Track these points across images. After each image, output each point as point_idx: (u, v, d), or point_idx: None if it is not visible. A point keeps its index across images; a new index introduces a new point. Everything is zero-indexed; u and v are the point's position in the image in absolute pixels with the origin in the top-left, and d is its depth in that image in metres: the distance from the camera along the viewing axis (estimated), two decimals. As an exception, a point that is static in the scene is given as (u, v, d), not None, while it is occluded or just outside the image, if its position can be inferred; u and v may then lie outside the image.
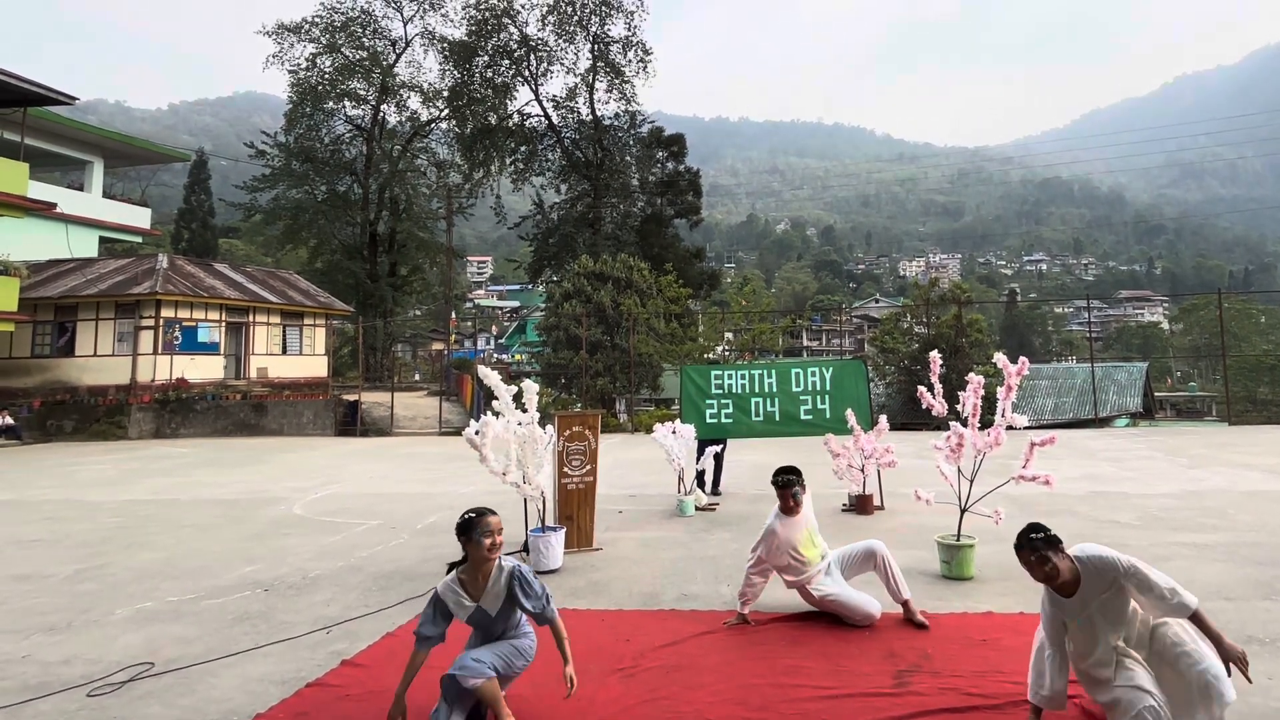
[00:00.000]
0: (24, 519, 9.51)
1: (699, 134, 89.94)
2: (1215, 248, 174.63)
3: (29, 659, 4.65)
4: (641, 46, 37.16)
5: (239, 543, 7.82)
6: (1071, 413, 25.01)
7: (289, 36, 37.01)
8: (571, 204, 38.17)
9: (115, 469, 14.63)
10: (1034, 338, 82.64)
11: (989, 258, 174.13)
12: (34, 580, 6.56)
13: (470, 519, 3.59)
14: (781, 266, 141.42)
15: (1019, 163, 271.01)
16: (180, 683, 4.21)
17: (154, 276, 23.25)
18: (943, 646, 4.40)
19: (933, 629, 4.72)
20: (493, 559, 3.59)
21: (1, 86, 20.66)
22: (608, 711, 3.68)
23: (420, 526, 8.42)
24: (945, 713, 3.52)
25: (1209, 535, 7.05)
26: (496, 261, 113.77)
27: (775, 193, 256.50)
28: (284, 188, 37.02)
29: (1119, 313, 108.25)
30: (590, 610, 5.33)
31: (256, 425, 22.18)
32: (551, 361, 25.95)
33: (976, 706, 3.57)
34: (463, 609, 3.60)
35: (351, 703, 3.85)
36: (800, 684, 3.94)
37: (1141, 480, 10.42)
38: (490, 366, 9.94)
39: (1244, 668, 3.03)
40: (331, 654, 4.57)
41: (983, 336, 22.98)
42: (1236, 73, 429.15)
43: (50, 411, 21.83)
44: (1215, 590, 5.39)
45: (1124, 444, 15.12)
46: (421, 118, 40.20)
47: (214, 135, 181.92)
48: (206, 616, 5.42)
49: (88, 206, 30.72)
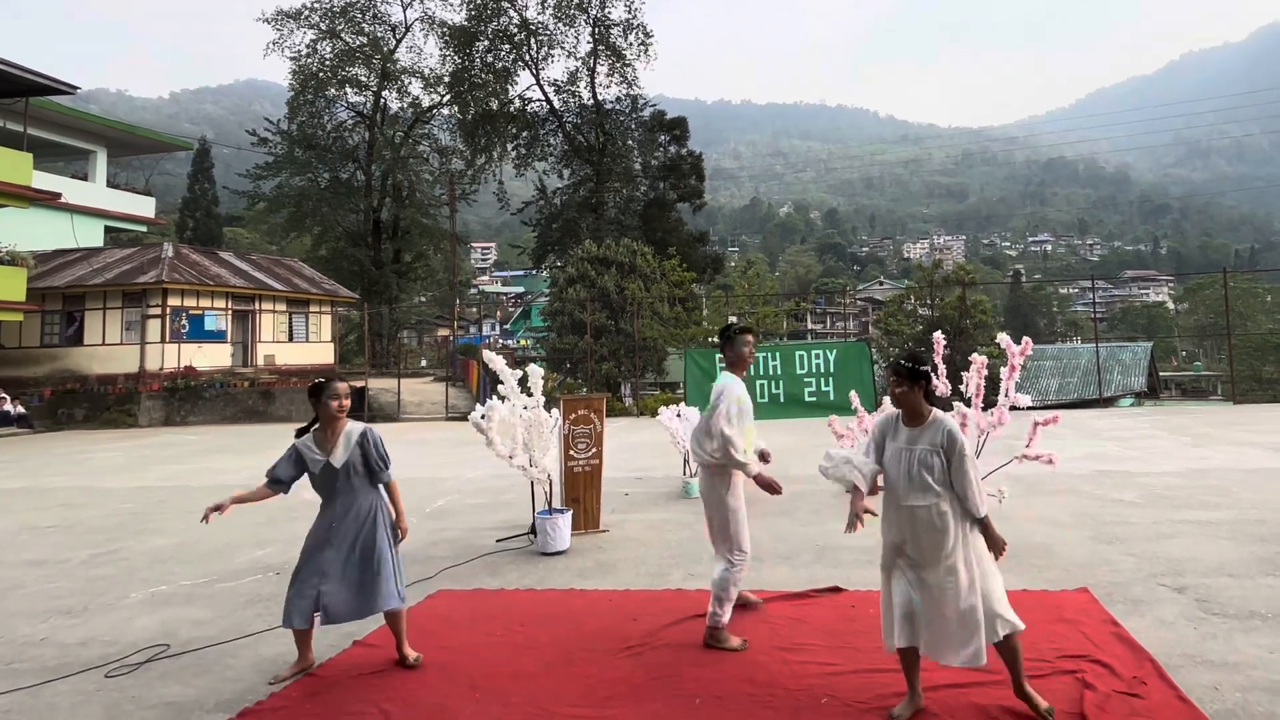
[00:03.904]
0: (38, 506, 9.63)
1: (701, 117, 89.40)
2: (1221, 226, 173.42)
3: (47, 641, 4.75)
4: (642, 29, 36.92)
5: (250, 528, 7.91)
6: (1076, 393, 25.01)
7: (289, 23, 36.82)
8: (574, 189, 38.05)
9: (126, 456, 14.76)
10: (1038, 319, 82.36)
11: (993, 239, 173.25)
12: (49, 565, 6.66)
13: (320, 383, 4.15)
14: (785, 250, 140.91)
15: (1024, 143, 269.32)
16: (196, 663, 4.29)
17: (160, 265, 23.31)
18: (946, 623, 4.45)
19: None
20: (340, 418, 4.11)
21: (3, 77, 20.64)
22: (616, 690, 3.75)
23: (429, 510, 8.50)
24: (948, 688, 3.58)
25: (1213, 513, 7.09)
26: (500, 247, 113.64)
27: (778, 176, 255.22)
28: (287, 175, 36.95)
29: (1124, 293, 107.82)
30: (598, 590, 5.40)
31: (265, 412, 22.31)
32: (556, 346, 25.99)
33: (979, 682, 3.62)
34: (314, 463, 4.07)
35: (363, 682, 3.93)
36: (805, 661, 4.01)
37: (1145, 459, 10.45)
38: (495, 352, 10.00)
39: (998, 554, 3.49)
40: (343, 635, 4.64)
41: (987, 318, 22.88)
42: (1243, 50, 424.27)
43: (61, 400, 21.98)
44: (1219, 567, 5.44)
45: (1128, 423, 15.14)
46: (423, 104, 40.04)
47: (216, 123, 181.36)
48: (220, 599, 5.51)
49: (92, 196, 30.77)
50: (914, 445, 3.47)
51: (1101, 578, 5.27)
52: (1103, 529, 6.65)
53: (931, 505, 3.40)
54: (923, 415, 3.51)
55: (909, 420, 3.53)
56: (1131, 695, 3.44)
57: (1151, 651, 3.92)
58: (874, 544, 3.88)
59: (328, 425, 4.14)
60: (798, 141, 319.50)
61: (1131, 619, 4.45)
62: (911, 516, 3.44)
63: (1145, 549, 5.97)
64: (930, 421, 3.50)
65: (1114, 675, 3.65)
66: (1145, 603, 4.76)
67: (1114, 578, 5.28)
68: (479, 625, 4.70)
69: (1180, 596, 4.86)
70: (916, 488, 3.43)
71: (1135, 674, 3.65)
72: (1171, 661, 3.82)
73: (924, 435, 3.47)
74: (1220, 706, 3.37)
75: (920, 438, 3.47)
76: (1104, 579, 5.24)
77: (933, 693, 3.54)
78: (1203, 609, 4.61)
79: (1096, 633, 4.21)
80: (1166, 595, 4.89)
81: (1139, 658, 3.85)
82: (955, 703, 3.45)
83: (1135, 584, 5.14)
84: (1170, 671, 3.68)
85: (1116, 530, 6.59)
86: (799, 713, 3.43)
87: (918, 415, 3.51)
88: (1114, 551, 5.94)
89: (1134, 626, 4.30)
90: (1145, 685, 3.53)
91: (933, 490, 3.41)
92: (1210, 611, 4.56)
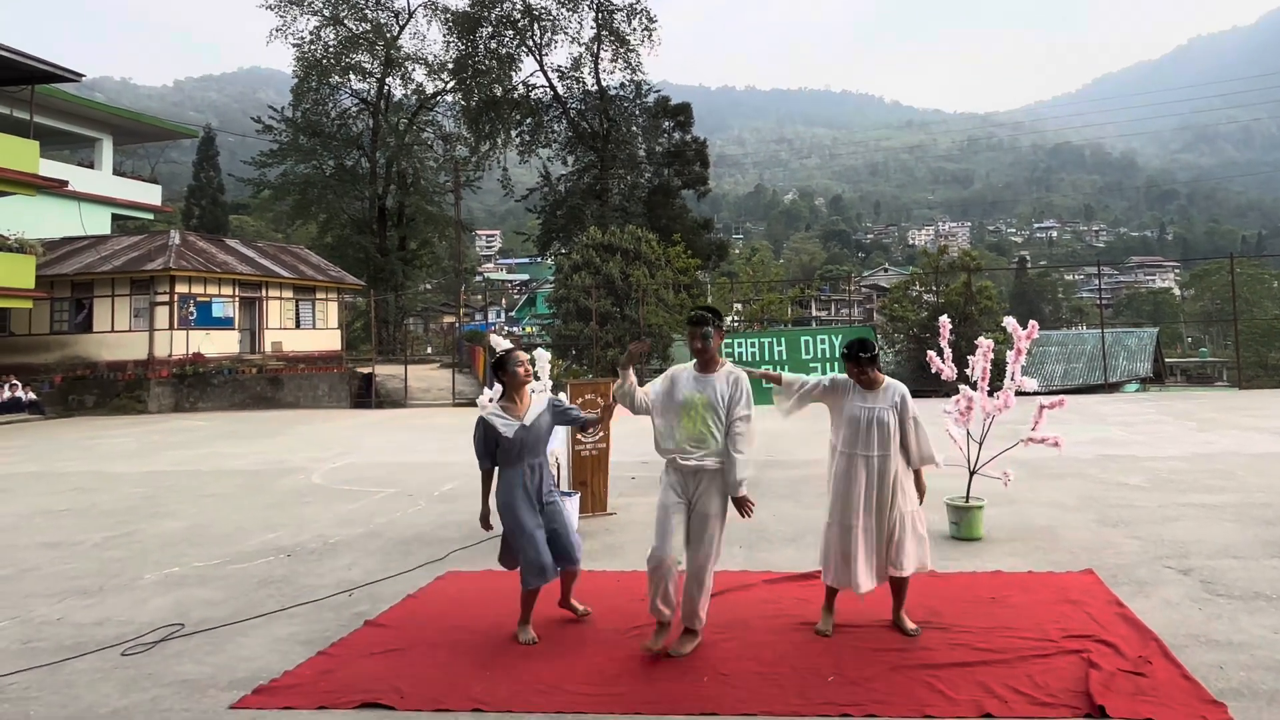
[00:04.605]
0: (51, 490, 9.71)
1: (705, 104, 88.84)
2: (1228, 212, 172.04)
3: (63, 621, 4.81)
4: (646, 14, 36.61)
5: (260, 511, 7.98)
6: (1081, 378, 24.93)
7: (291, 9, 36.60)
8: (578, 176, 37.91)
9: (137, 442, 14.85)
10: (1044, 305, 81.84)
11: (999, 225, 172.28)
12: (64, 548, 6.74)
13: (502, 357, 4.42)
14: (790, 237, 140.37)
15: (1030, 128, 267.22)
16: (210, 642, 4.35)
17: (167, 253, 23.36)
18: (952, 604, 4.49)
19: (942, 587, 4.81)
20: (528, 380, 4.40)
21: (8, 64, 20.63)
22: (624, 668, 3.80)
23: (437, 494, 8.57)
24: (954, 667, 3.62)
25: (1218, 496, 7.11)
26: (505, 235, 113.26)
27: (783, 162, 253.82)
28: (292, 163, 36.89)
29: (1130, 279, 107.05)
30: (606, 572, 5.46)
31: (273, 398, 22.42)
32: (562, 333, 26.01)
33: (985, 661, 3.66)
34: (506, 427, 4.25)
35: (375, 660, 3.98)
36: (811, 640, 4.05)
37: (1151, 443, 10.47)
38: (501, 337, 10.01)
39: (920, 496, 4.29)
40: (354, 615, 4.70)
41: (992, 304, 22.81)
42: (1251, 34, 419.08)
43: (71, 387, 22.12)
44: (1224, 549, 5.46)
45: (1133, 408, 15.14)
46: (427, 90, 39.88)
47: (220, 111, 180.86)
48: (232, 581, 5.57)
49: (99, 184, 30.77)
50: (873, 405, 4.13)
51: (1107, 560, 5.30)
52: (1108, 512, 6.68)
53: (886, 456, 4.08)
54: (878, 383, 4.21)
55: (866, 387, 4.20)
56: (1136, 674, 3.46)
57: (1156, 631, 3.94)
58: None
59: (515, 391, 4.39)
60: (802, 128, 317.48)
61: (1137, 600, 4.48)
62: (866, 465, 4.08)
63: (1150, 532, 6.00)
64: (885, 386, 4.20)
65: (1119, 655, 3.67)
66: (1150, 584, 4.79)
67: (1119, 560, 5.31)
68: (489, 606, 4.75)
69: (1185, 578, 4.88)
70: (875, 441, 4.08)
71: (1140, 653, 3.68)
72: (1176, 641, 3.84)
73: (881, 397, 4.16)
74: (1225, 685, 3.39)
75: (879, 399, 4.15)
76: (1109, 561, 5.27)
77: (939, 671, 3.58)
78: (1208, 590, 4.64)
79: (1101, 613, 4.24)
80: (1172, 577, 4.92)
81: (1144, 637, 3.87)
82: (962, 680, 3.48)
83: (1140, 566, 5.17)
84: (1175, 651, 3.71)
85: (1122, 513, 6.61)
86: (805, 690, 3.47)
87: (875, 384, 4.20)
88: (1119, 534, 5.97)
89: (1139, 608, 4.33)
90: (1150, 664, 3.55)
91: (888, 443, 4.08)
92: (1215, 593, 4.59)
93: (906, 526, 4.10)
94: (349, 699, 3.52)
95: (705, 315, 4.03)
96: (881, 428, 4.08)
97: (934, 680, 3.48)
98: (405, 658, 3.99)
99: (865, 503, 4.08)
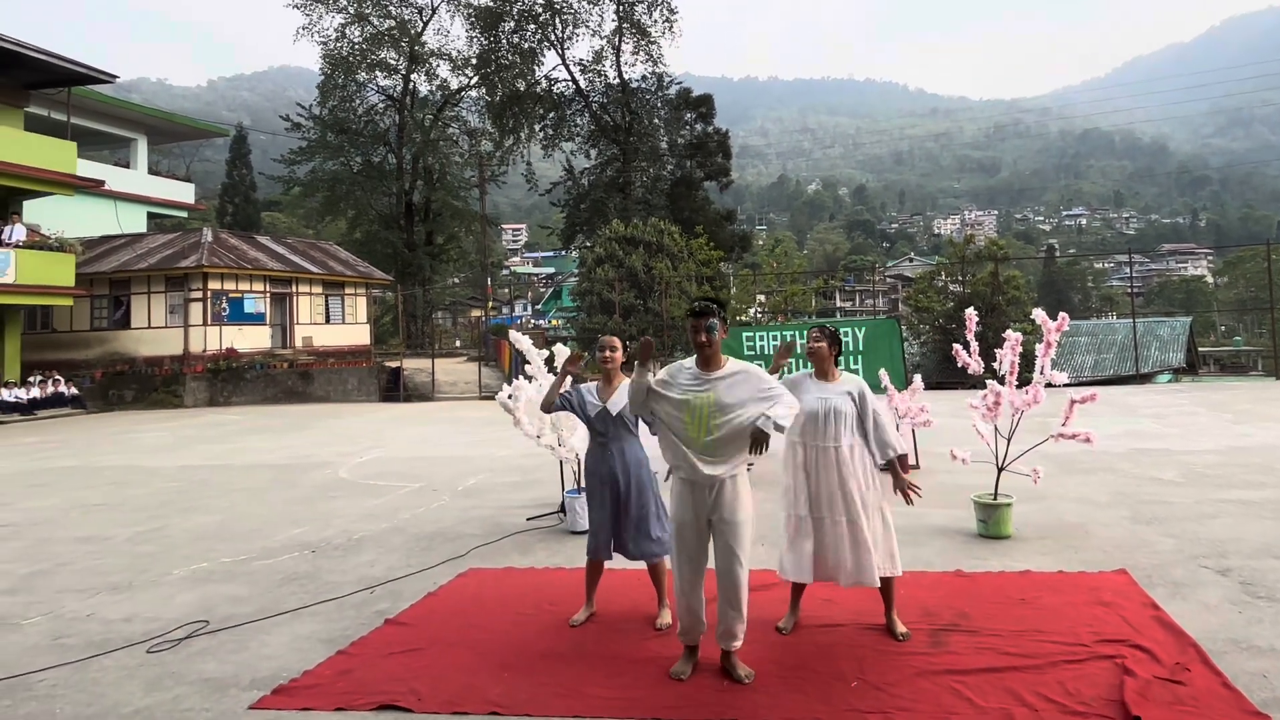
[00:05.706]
0: (87, 484, 9.90)
1: (727, 94, 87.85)
2: (1263, 197, 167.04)
3: (93, 617, 4.88)
4: (667, 6, 36.34)
5: (287, 506, 8.06)
6: (1112, 369, 24.35)
7: (317, 7, 37.01)
8: (601, 169, 37.85)
9: (172, 436, 15.11)
10: (1073, 294, 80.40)
11: (1026, 214, 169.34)
12: (96, 542, 6.85)
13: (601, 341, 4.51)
14: (813, 227, 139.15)
15: (1058, 114, 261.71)
16: (233, 640, 4.38)
17: (200, 250, 23.74)
18: (980, 605, 4.39)
19: (970, 588, 4.71)
20: (614, 363, 4.41)
21: (46, 68, 21.04)
22: (645, 671, 3.75)
23: (461, 489, 8.59)
24: (982, 672, 3.53)
25: (1256, 492, 6.90)
26: (531, 229, 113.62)
27: (806, 152, 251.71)
28: (320, 160, 37.34)
29: (1161, 267, 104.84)
30: (627, 569, 5.40)
31: (303, 392, 22.72)
32: (586, 326, 26.01)
33: (1014, 666, 3.56)
34: (593, 407, 4.41)
35: (394, 660, 3.97)
36: (835, 641, 3.98)
37: (1185, 436, 10.21)
38: (524, 331, 10.02)
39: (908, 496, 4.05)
40: (376, 613, 4.71)
41: (1020, 294, 22.35)
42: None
43: (111, 382, 22.65)
44: (1264, 548, 5.29)
45: (1166, 400, 14.80)
46: (451, 86, 40.09)
47: (252, 110, 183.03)
48: (257, 577, 5.62)
49: (134, 183, 31.38)
50: (829, 396, 4.08)
51: (1141, 559, 5.16)
52: (1141, 509, 6.51)
53: (846, 446, 4.00)
54: (833, 373, 4.19)
55: (821, 376, 4.18)
56: (1174, 682, 3.34)
57: (1194, 636, 3.81)
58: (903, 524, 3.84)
59: (609, 379, 4.48)
60: (825, 117, 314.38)
61: (1173, 602, 4.34)
62: (822, 455, 4.01)
63: (1186, 529, 5.83)
64: (843, 378, 4.18)
65: (1155, 661, 3.55)
66: (1187, 585, 4.64)
67: (1154, 559, 5.16)
68: (509, 604, 4.74)
69: (1224, 579, 4.73)
70: (832, 431, 4.01)
71: (1178, 660, 3.55)
72: (1215, 647, 3.71)
73: (838, 388, 4.12)
74: (1269, 695, 3.25)
75: (835, 390, 4.11)
76: (1143, 560, 5.12)
77: (966, 676, 3.50)
78: (1248, 592, 4.48)
79: (1136, 616, 4.11)
80: (1209, 578, 4.77)
81: (1181, 643, 3.74)
82: (989, 686, 3.40)
83: (1176, 566, 5.02)
84: (1214, 658, 3.58)
85: (1155, 510, 6.44)
86: (829, 696, 3.41)
87: (830, 373, 4.17)
88: (1153, 532, 5.81)
89: (1175, 610, 4.19)
90: (1189, 672, 3.43)
91: (846, 433, 4.02)
92: (1256, 595, 4.43)
93: (863, 528, 3.92)
94: (367, 700, 3.51)
95: (709, 306, 3.61)
96: (839, 417, 4.03)
97: (961, 686, 3.40)
98: (424, 658, 3.99)
99: (821, 492, 4.03)
